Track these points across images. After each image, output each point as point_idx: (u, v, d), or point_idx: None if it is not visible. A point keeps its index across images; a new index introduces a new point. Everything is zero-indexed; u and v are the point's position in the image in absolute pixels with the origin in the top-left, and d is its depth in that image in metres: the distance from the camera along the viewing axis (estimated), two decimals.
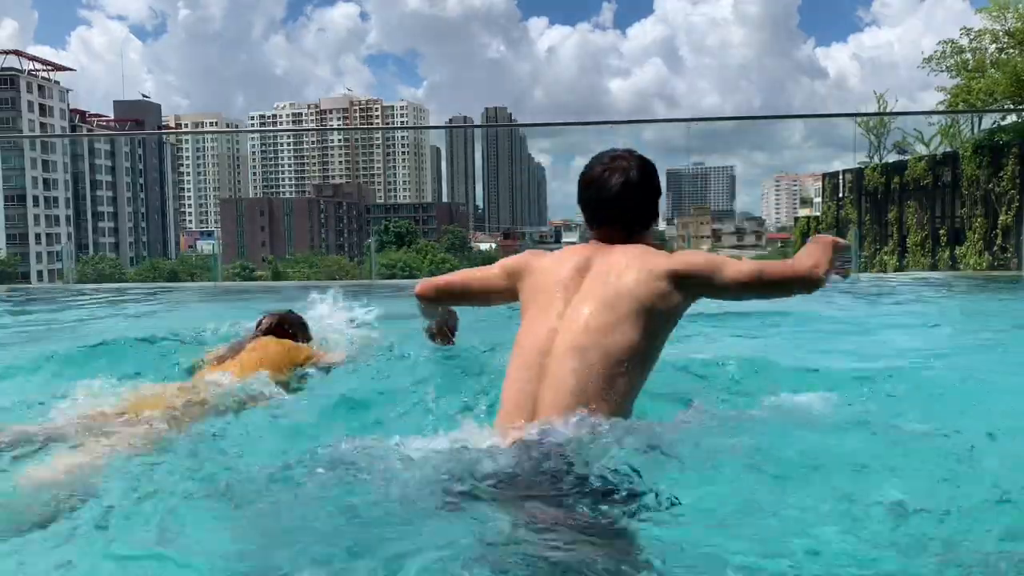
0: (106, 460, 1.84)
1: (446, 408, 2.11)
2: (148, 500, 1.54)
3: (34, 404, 2.33)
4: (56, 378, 2.78)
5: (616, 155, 2.11)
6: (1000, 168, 21.32)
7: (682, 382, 2.40)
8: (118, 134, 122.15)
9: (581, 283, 1.98)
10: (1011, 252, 19.22)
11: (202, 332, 3.31)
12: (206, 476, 1.68)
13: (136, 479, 1.68)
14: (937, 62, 22.80)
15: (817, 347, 3.79)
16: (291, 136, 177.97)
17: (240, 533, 1.44)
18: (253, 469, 1.69)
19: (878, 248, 26.75)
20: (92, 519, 1.50)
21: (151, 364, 2.90)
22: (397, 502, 1.47)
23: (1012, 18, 21.53)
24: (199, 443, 1.95)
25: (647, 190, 2.10)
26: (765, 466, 1.61)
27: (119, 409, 2.16)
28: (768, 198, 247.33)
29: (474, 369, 2.36)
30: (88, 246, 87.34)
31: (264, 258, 77.88)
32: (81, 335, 4.84)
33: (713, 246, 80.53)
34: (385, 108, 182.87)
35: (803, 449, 1.75)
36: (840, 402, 2.16)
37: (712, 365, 2.61)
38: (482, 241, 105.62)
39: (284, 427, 2.13)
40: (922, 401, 2.34)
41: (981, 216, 22.07)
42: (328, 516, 1.45)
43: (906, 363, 3.18)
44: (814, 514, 1.44)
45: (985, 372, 2.91)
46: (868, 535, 1.39)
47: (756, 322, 4.19)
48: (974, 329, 4.93)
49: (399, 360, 2.64)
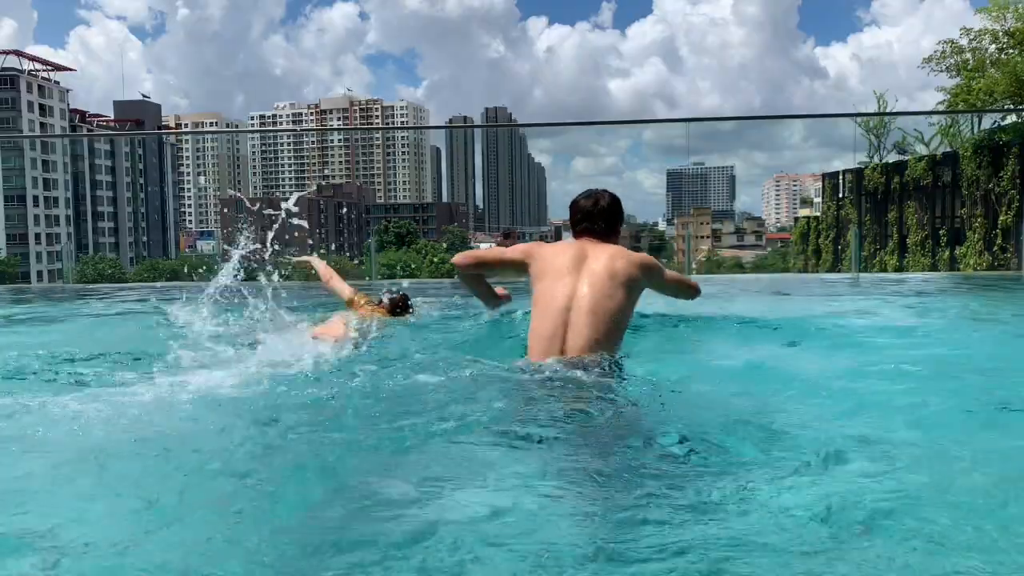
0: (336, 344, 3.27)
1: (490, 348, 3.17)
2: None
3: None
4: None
5: (595, 192, 3.19)
6: (1000, 168, 21.33)
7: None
8: (118, 134, 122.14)
9: (583, 265, 2.90)
10: (1011, 252, 19.23)
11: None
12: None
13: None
14: (937, 62, 22.78)
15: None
16: (291, 136, 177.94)
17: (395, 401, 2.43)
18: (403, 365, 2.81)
19: (878, 248, 26.76)
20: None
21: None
22: (499, 394, 2.46)
23: (1012, 18, 21.52)
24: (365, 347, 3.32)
25: (615, 211, 3.15)
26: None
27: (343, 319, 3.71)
28: (768, 198, 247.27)
29: (496, 333, 3.44)
30: (88, 246, 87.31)
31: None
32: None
33: (713, 246, 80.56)
34: (385, 108, 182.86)
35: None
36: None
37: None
38: (482, 241, 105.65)
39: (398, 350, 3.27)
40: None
41: (981, 216, 22.09)
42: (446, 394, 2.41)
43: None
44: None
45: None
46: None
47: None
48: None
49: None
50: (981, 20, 22.29)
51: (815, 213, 34.39)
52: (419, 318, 4.07)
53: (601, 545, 1.46)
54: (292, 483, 1.82)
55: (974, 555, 1.37)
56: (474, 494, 1.71)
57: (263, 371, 2.73)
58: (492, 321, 3.48)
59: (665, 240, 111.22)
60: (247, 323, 3.51)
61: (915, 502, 1.62)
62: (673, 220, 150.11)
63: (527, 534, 1.52)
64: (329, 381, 2.68)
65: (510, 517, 1.59)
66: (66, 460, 1.98)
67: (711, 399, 2.59)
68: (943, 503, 1.62)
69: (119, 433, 2.16)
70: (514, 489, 1.73)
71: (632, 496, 1.70)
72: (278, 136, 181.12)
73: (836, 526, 1.50)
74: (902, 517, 1.53)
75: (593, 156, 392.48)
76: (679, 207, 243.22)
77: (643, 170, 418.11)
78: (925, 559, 1.38)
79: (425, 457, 1.96)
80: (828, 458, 1.85)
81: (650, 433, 2.16)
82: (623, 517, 1.60)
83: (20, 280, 59.99)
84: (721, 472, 1.81)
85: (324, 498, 1.73)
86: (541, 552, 1.43)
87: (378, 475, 1.85)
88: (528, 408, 2.32)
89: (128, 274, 66.90)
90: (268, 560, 1.44)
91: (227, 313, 3.56)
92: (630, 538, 1.48)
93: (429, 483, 1.76)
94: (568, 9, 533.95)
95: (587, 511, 1.64)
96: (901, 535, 1.46)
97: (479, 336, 3.48)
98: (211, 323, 3.48)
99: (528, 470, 1.87)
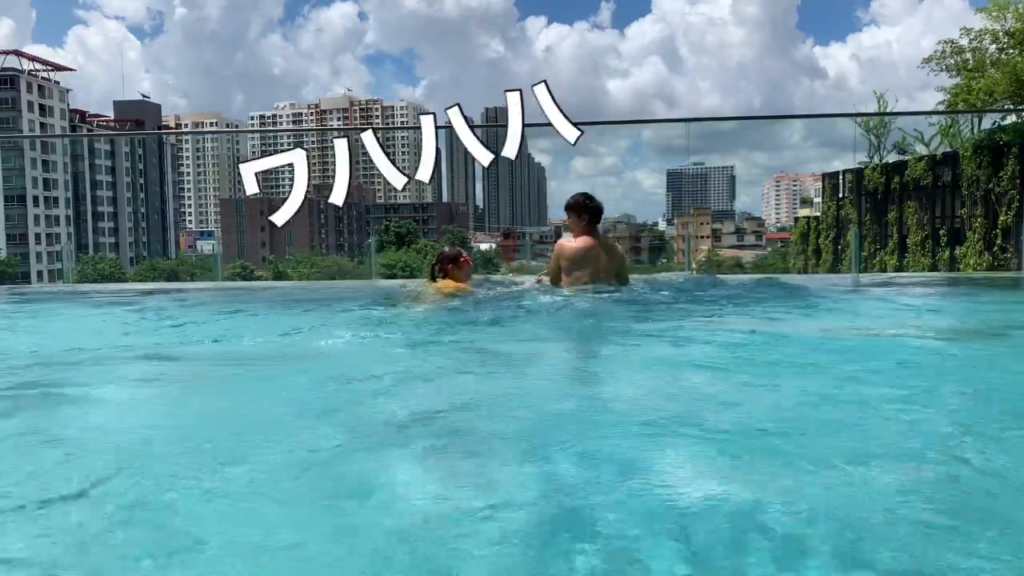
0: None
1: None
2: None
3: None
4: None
5: (585, 194, 5.13)
6: (1000, 168, 21.32)
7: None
8: (118, 134, 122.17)
9: (601, 254, 4.93)
10: (1011, 252, 19.24)
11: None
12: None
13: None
14: (937, 62, 22.76)
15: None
16: (291, 136, 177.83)
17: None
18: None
19: (878, 248, 26.76)
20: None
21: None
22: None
23: (1012, 18, 21.50)
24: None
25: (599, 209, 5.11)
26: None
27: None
28: (768, 198, 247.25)
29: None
30: (88, 246, 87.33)
31: (264, 258, 77.89)
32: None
33: (713, 246, 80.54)
34: (385, 108, 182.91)
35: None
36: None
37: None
38: (482, 241, 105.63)
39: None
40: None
41: (981, 216, 22.08)
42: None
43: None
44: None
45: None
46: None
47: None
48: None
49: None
50: (981, 20, 22.29)
51: (815, 213, 34.37)
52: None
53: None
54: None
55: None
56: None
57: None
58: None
59: (665, 240, 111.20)
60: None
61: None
62: (673, 220, 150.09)
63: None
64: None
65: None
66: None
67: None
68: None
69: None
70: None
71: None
72: (278, 136, 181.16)
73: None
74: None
75: (593, 156, 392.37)
76: (679, 207, 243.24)
77: (643, 170, 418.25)
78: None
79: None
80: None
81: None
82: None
83: (20, 280, 60.01)
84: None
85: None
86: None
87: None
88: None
89: (128, 274, 66.93)
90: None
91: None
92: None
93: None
94: (567, 9, 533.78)
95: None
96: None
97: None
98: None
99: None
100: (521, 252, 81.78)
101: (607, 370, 3.12)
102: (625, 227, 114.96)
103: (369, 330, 4.15)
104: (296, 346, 3.84)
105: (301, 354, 3.56)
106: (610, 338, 3.76)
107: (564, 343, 3.80)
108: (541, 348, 3.59)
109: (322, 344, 3.68)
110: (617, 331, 3.85)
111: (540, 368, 3.12)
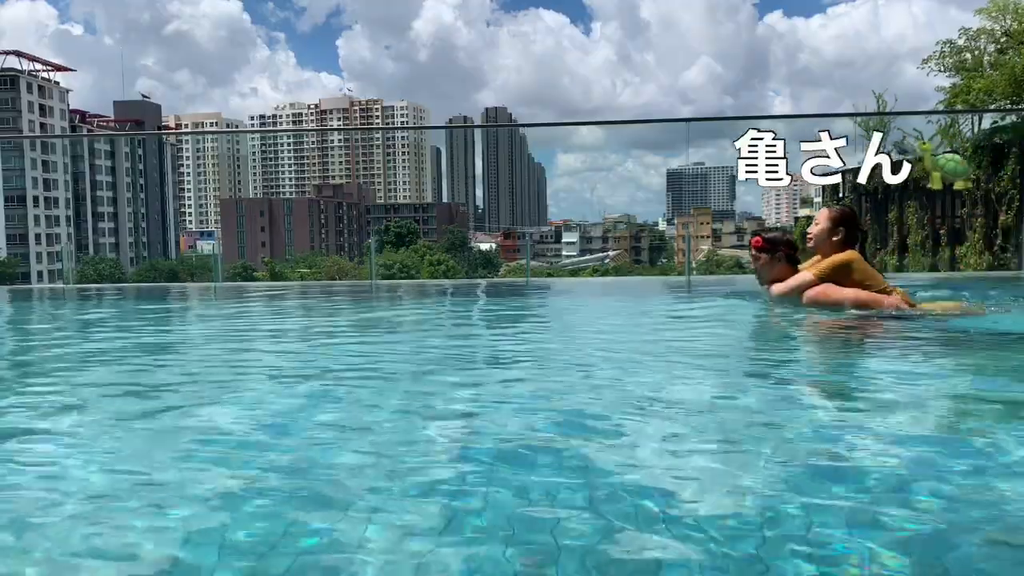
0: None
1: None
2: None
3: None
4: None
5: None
6: (1000, 168, 21.32)
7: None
8: (118, 134, 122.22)
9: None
10: (1011, 252, 19.23)
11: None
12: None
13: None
14: (936, 62, 22.79)
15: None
16: (291, 136, 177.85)
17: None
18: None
19: (878, 248, 26.76)
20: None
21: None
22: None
23: (1010, 18, 21.52)
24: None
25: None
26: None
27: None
28: (768, 198, 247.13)
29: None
30: (88, 246, 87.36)
31: (263, 259, 77.87)
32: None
33: (713, 246, 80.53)
34: (385, 108, 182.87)
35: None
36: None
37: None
38: (482, 241, 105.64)
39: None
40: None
41: (981, 216, 22.08)
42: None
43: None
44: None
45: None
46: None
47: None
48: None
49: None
50: (980, 20, 22.31)
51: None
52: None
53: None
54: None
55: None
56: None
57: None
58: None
59: (665, 240, 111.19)
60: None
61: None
62: (673, 220, 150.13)
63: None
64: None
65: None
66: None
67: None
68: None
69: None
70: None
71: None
72: (278, 136, 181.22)
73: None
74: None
75: (588, 152, 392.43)
76: (679, 207, 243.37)
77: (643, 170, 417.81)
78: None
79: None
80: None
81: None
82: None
83: (20, 280, 60.02)
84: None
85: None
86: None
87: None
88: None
89: (128, 275, 66.91)
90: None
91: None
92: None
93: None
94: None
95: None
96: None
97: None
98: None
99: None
100: (521, 252, 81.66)
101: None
102: (625, 227, 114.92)
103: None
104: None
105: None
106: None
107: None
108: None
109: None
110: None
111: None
